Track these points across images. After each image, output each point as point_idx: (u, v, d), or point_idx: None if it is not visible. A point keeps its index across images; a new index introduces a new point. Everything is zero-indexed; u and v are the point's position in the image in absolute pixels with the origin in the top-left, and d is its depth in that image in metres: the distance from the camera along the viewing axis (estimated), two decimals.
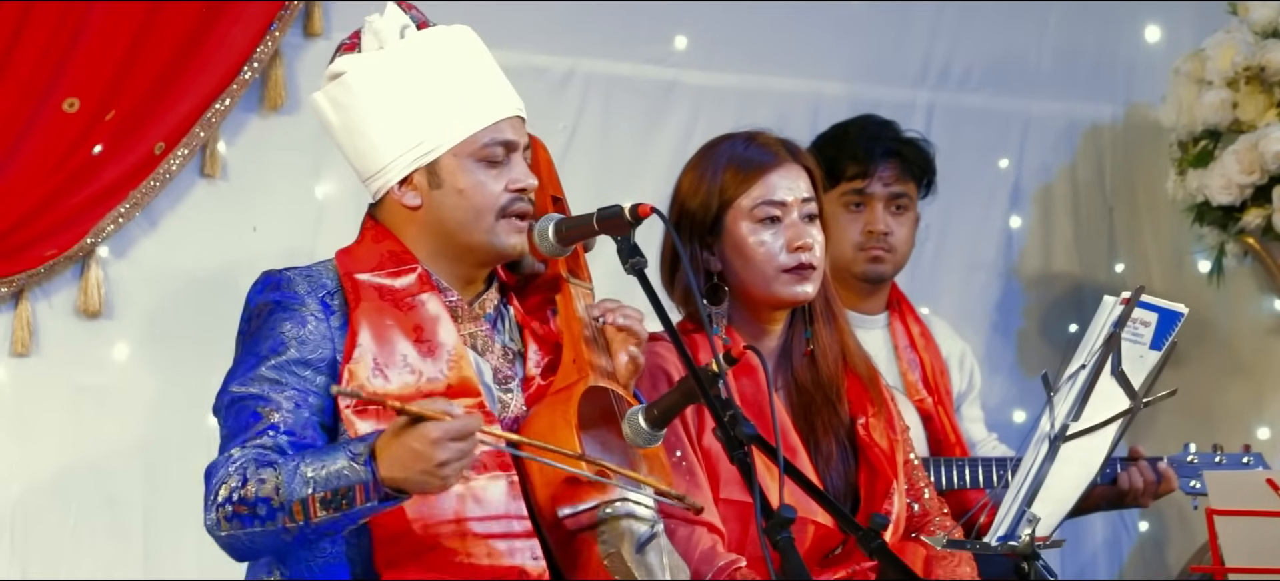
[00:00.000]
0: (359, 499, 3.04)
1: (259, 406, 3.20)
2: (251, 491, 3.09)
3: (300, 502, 3.06)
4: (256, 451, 3.15)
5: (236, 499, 3.10)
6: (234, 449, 3.17)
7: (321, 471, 3.06)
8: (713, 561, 3.53)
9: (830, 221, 3.79)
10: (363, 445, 3.05)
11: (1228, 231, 5.23)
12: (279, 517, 3.08)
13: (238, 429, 3.20)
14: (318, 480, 3.05)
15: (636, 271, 3.26)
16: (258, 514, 3.09)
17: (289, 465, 3.09)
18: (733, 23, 5.12)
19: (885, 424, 3.78)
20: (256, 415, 3.19)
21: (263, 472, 3.10)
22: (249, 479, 3.10)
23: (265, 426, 3.18)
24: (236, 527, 3.12)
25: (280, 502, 3.07)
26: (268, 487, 3.08)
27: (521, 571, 3.20)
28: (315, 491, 3.05)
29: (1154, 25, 5.65)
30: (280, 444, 3.17)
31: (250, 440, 3.17)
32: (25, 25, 4.20)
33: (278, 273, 3.33)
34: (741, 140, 3.76)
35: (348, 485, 3.04)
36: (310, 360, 3.24)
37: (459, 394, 3.26)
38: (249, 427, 3.19)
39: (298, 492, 3.06)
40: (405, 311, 3.30)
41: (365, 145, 3.37)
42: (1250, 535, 3.48)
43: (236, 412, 3.22)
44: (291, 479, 3.07)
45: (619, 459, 3.34)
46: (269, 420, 3.18)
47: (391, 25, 3.37)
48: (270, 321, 3.27)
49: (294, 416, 3.20)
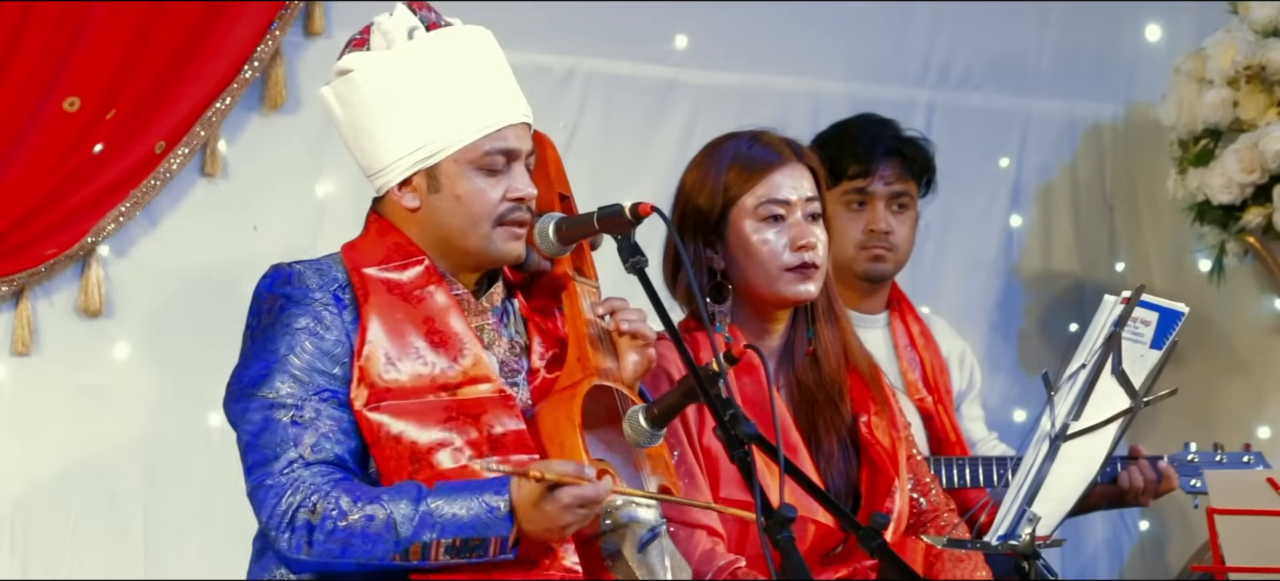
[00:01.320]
0: (492, 551, 3.13)
1: (295, 414, 3.21)
2: (356, 524, 3.13)
3: (422, 545, 3.13)
4: (324, 471, 3.18)
5: (331, 529, 3.14)
6: (298, 469, 3.18)
7: (451, 518, 3.12)
8: (712, 562, 3.53)
9: (831, 220, 3.79)
10: (502, 500, 3.12)
11: (1228, 231, 5.23)
12: (390, 553, 3.14)
13: (281, 440, 3.20)
14: (445, 525, 3.12)
15: (637, 270, 3.26)
16: (362, 547, 3.14)
17: (401, 502, 3.13)
18: (733, 22, 5.12)
19: (887, 422, 3.78)
20: (298, 424, 3.21)
21: (368, 508, 3.14)
22: (349, 511, 3.14)
23: (318, 439, 3.20)
24: (328, 556, 3.16)
25: (396, 540, 3.12)
26: (377, 525, 3.13)
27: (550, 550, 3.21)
28: (442, 537, 3.12)
29: (1154, 24, 5.65)
30: (339, 455, 3.21)
31: (311, 458, 3.19)
32: (25, 25, 4.20)
33: (287, 267, 3.33)
34: (746, 139, 3.76)
35: (482, 538, 3.13)
36: (332, 353, 3.25)
37: (474, 381, 3.28)
38: (299, 440, 3.20)
39: (421, 536, 3.12)
40: (414, 304, 3.31)
41: (369, 143, 3.38)
42: (1250, 534, 3.48)
43: (268, 422, 3.21)
44: (410, 520, 3.12)
45: (622, 457, 3.35)
46: (318, 430, 3.20)
47: (400, 26, 3.37)
48: (284, 317, 3.27)
49: (335, 420, 3.22)
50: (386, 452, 3.22)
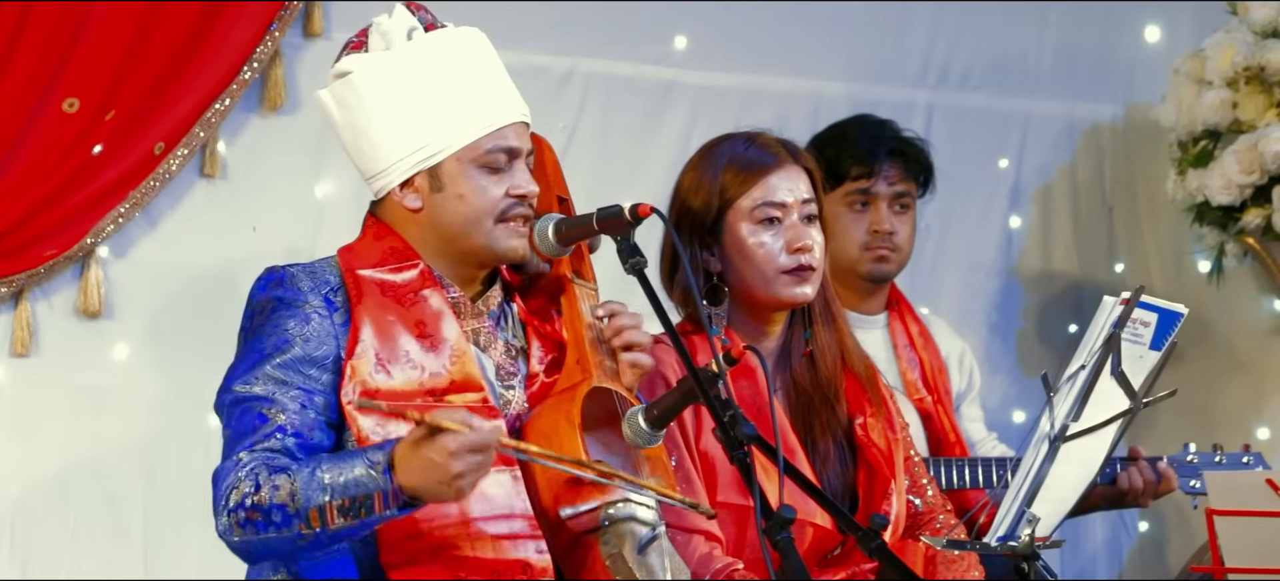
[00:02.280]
0: (377, 507, 3.07)
1: (264, 407, 3.21)
2: (265, 497, 3.11)
3: (317, 509, 3.09)
4: (265, 455, 3.17)
5: (249, 505, 3.12)
6: (242, 452, 3.18)
7: (339, 479, 3.08)
8: (709, 565, 3.53)
9: (833, 222, 3.80)
10: (381, 453, 3.08)
11: (1228, 231, 5.23)
12: (294, 524, 3.10)
13: (244, 430, 3.20)
14: (335, 487, 3.08)
15: (636, 271, 3.26)
16: (273, 520, 3.11)
17: (303, 472, 3.11)
18: (733, 23, 5.12)
19: (884, 424, 3.78)
20: (262, 417, 3.20)
21: (277, 479, 3.11)
22: (262, 485, 3.12)
23: (273, 428, 3.19)
24: (250, 533, 3.13)
25: (296, 509, 3.09)
26: (282, 494, 3.10)
27: (526, 566, 3.21)
28: (332, 498, 3.08)
29: (1154, 25, 5.65)
30: (288, 446, 3.19)
31: (258, 443, 3.18)
32: (25, 25, 4.20)
33: (281, 269, 3.33)
34: (742, 140, 3.76)
35: (366, 493, 3.07)
36: (315, 357, 3.25)
37: (462, 389, 3.28)
38: (256, 430, 3.19)
39: (314, 500, 3.08)
40: (408, 307, 3.31)
41: (368, 145, 3.38)
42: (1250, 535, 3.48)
43: (241, 413, 3.22)
44: (307, 486, 3.09)
45: (621, 459, 3.35)
46: (276, 422, 3.20)
47: (398, 27, 3.37)
48: (274, 318, 3.27)
49: (300, 417, 3.21)
50: None
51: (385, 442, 3.11)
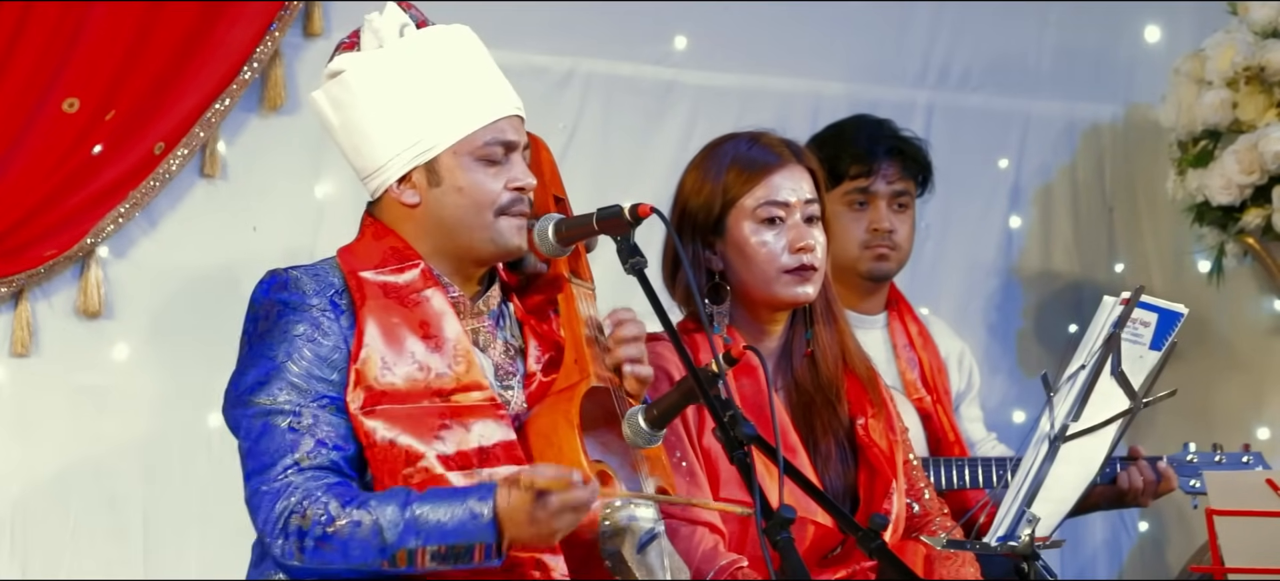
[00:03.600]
0: (477, 557, 3.12)
1: (293, 420, 3.21)
2: (344, 530, 3.13)
3: (407, 551, 3.12)
4: (316, 474, 3.18)
5: (320, 535, 3.14)
6: (290, 474, 3.18)
7: (435, 524, 3.12)
8: (714, 561, 3.53)
9: (832, 221, 3.80)
10: (486, 506, 3.11)
11: (1227, 231, 5.23)
12: (377, 560, 3.13)
13: (280, 447, 3.20)
14: (429, 531, 3.11)
15: (636, 271, 3.26)
16: (350, 553, 3.14)
17: (387, 509, 3.13)
18: (733, 23, 5.12)
19: (885, 424, 3.79)
20: (294, 430, 3.20)
21: (355, 513, 3.13)
22: (337, 516, 3.14)
23: (313, 444, 3.20)
24: (317, 562, 3.16)
25: (382, 546, 3.12)
26: (364, 530, 3.13)
27: (540, 564, 3.22)
28: (427, 544, 3.11)
29: (1154, 25, 5.65)
30: (334, 460, 3.20)
31: (305, 462, 3.18)
32: (25, 25, 4.20)
33: (284, 272, 3.32)
34: (745, 140, 3.76)
35: (467, 544, 3.12)
36: (330, 360, 3.25)
37: (467, 389, 3.28)
38: (296, 446, 3.19)
39: (406, 542, 3.12)
40: (410, 307, 3.31)
41: (364, 143, 3.37)
42: (1250, 535, 3.48)
43: (266, 428, 3.21)
44: (396, 525, 3.12)
45: (620, 459, 3.35)
46: (314, 436, 3.20)
47: (391, 24, 3.37)
48: (281, 323, 3.27)
49: (332, 426, 3.22)
50: (381, 456, 3.22)
51: (484, 489, 3.14)
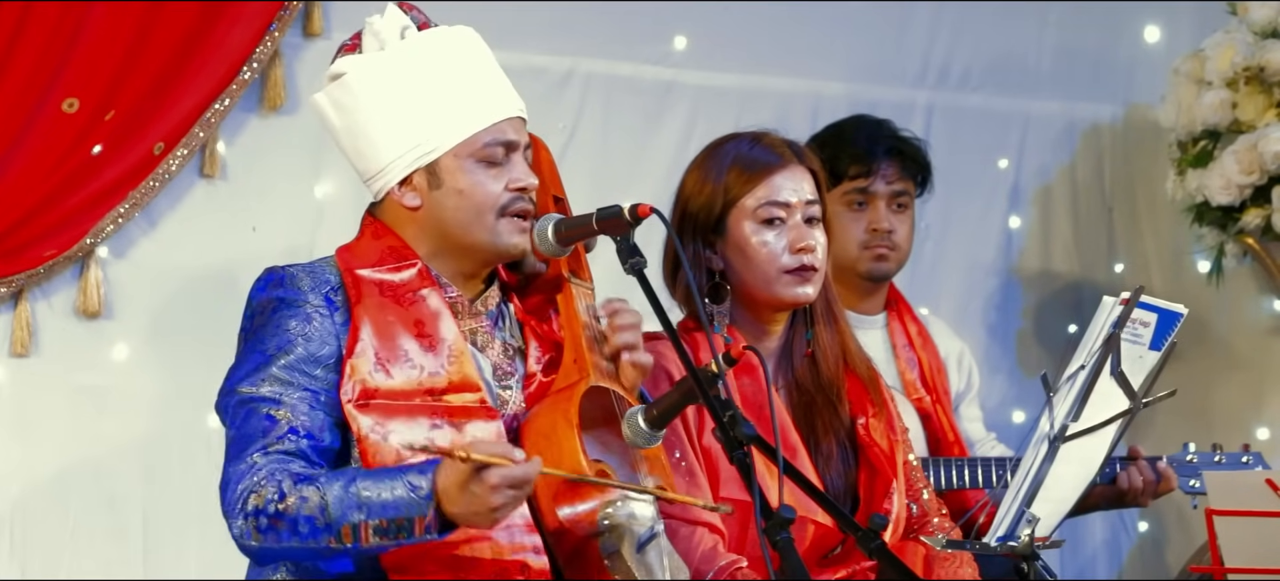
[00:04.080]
0: (417, 530, 3.10)
1: (272, 408, 3.21)
2: (292, 507, 3.12)
3: (351, 526, 3.11)
4: (280, 458, 3.18)
5: (273, 512, 3.13)
6: (255, 455, 3.18)
7: (377, 499, 3.10)
8: (714, 561, 3.53)
9: (832, 221, 3.79)
10: (424, 480, 3.10)
11: (1227, 232, 5.23)
12: (324, 537, 3.12)
13: (253, 432, 3.21)
14: (372, 506, 3.10)
15: (636, 272, 3.26)
16: (299, 530, 3.13)
17: (334, 485, 3.12)
18: (732, 23, 5.12)
19: (885, 424, 3.79)
20: (270, 418, 3.20)
21: (304, 490, 3.13)
22: (288, 493, 3.13)
23: (283, 430, 3.20)
24: (271, 540, 3.15)
25: (327, 523, 3.11)
26: (310, 506, 3.12)
27: (524, 566, 3.21)
28: (370, 518, 3.10)
29: (1153, 25, 5.65)
30: (301, 447, 3.20)
31: (271, 446, 3.19)
32: (25, 25, 4.20)
33: (280, 269, 3.33)
34: (747, 140, 3.76)
35: (407, 517, 3.10)
36: (319, 356, 3.25)
37: (460, 389, 3.28)
38: (266, 432, 3.20)
39: (349, 517, 3.11)
40: (407, 306, 3.31)
41: (366, 146, 3.37)
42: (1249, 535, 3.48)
43: (247, 415, 3.22)
44: (341, 501, 3.11)
45: (619, 458, 3.35)
46: (286, 423, 3.20)
47: (392, 26, 3.37)
48: (275, 319, 3.27)
49: (309, 417, 3.22)
50: (372, 452, 3.22)
51: (424, 465, 3.13)
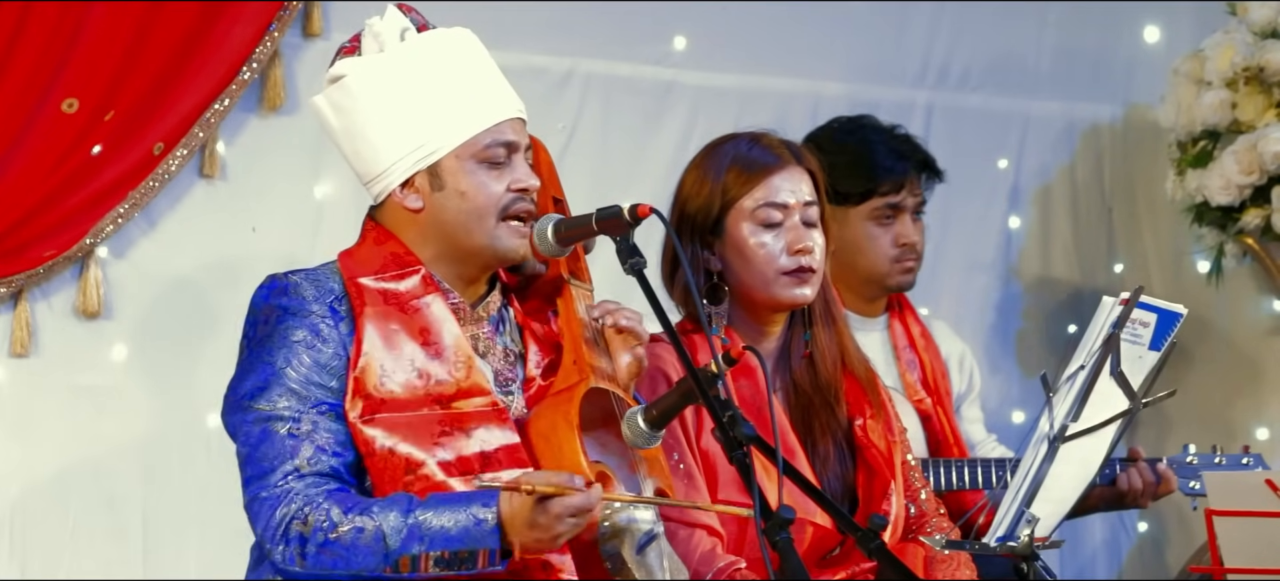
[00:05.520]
0: (481, 563, 3.13)
1: (293, 426, 3.21)
2: (346, 536, 3.14)
3: (411, 558, 3.13)
4: (316, 481, 3.18)
5: (323, 541, 3.14)
6: (290, 480, 3.18)
7: (439, 530, 3.12)
8: (712, 563, 3.53)
9: (859, 235, 3.79)
10: (490, 512, 3.12)
11: (1227, 232, 5.23)
12: (381, 566, 3.14)
13: (278, 454, 3.20)
14: (434, 538, 3.12)
15: (635, 272, 3.26)
16: (353, 561, 3.15)
17: (390, 514, 3.14)
18: (732, 23, 5.12)
19: (883, 425, 3.79)
20: (293, 436, 3.20)
21: (358, 519, 3.14)
22: (339, 522, 3.14)
23: (312, 451, 3.20)
24: (320, 568, 3.16)
25: (386, 552, 3.13)
26: (367, 536, 3.14)
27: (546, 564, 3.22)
28: (431, 550, 3.12)
29: (1153, 25, 5.65)
30: (334, 467, 3.21)
31: (305, 468, 3.19)
32: (25, 25, 4.20)
33: (283, 277, 3.32)
34: (745, 141, 3.76)
35: (471, 550, 3.12)
36: (329, 367, 3.25)
37: (468, 395, 3.28)
38: (296, 452, 3.20)
39: (409, 548, 3.13)
40: (410, 314, 3.31)
41: (366, 148, 3.37)
42: (1249, 536, 3.48)
43: (265, 434, 3.22)
44: (400, 531, 3.13)
45: (618, 459, 3.35)
46: (314, 442, 3.21)
47: (391, 28, 3.37)
48: (281, 329, 3.27)
49: (331, 433, 3.22)
50: (380, 464, 3.22)
51: (486, 496, 3.14)
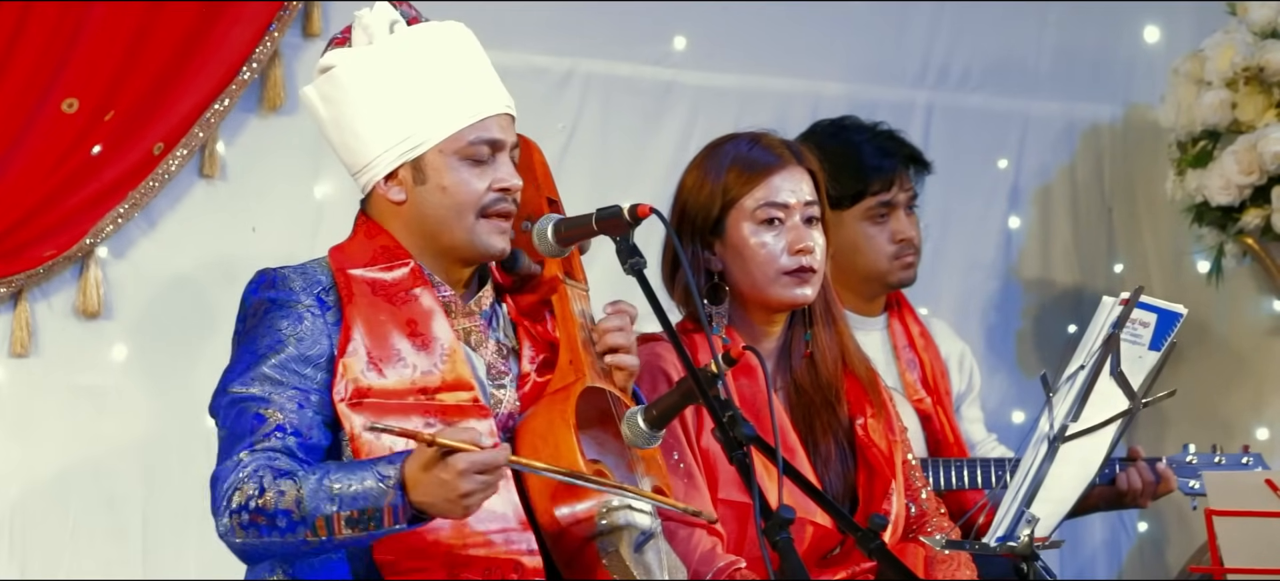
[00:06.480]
0: (386, 520, 3.09)
1: (261, 407, 3.21)
2: (270, 502, 3.12)
3: (325, 518, 3.10)
4: (267, 456, 3.17)
5: (253, 508, 3.13)
6: (242, 453, 3.18)
7: (348, 490, 3.10)
8: (712, 562, 3.53)
9: (857, 236, 3.79)
10: (393, 469, 3.09)
11: (1227, 232, 5.23)
12: (300, 530, 3.12)
13: (242, 431, 3.21)
14: (344, 498, 3.10)
15: (635, 272, 3.26)
16: (277, 525, 3.12)
17: (310, 479, 3.12)
18: (732, 23, 5.12)
19: (884, 425, 3.79)
20: (259, 417, 3.20)
21: (282, 484, 3.12)
22: (267, 488, 3.13)
23: (272, 428, 3.20)
24: (252, 536, 3.14)
25: (302, 516, 3.11)
26: (288, 500, 3.11)
27: (518, 565, 3.21)
28: (341, 509, 3.09)
29: (1153, 25, 5.65)
30: (289, 446, 3.19)
31: (258, 443, 3.18)
32: (25, 25, 4.20)
33: (273, 271, 3.33)
34: (746, 141, 3.76)
35: (376, 507, 3.09)
36: (310, 356, 3.25)
37: (453, 388, 3.28)
38: (254, 430, 3.19)
39: (322, 509, 3.10)
40: (399, 305, 3.31)
41: (353, 139, 3.38)
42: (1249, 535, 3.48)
43: (237, 414, 3.22)
44: (315, 494, 3.10)
45: (616, 458, 3.35)
46: (274, 421, 3.20)
47: (381, 20, 3.38)
48: (267, 319, 3.28)
49: (298, 416, 3.21)
50: (364, 450, 3.22)
51: (395, 456, 3.12)
